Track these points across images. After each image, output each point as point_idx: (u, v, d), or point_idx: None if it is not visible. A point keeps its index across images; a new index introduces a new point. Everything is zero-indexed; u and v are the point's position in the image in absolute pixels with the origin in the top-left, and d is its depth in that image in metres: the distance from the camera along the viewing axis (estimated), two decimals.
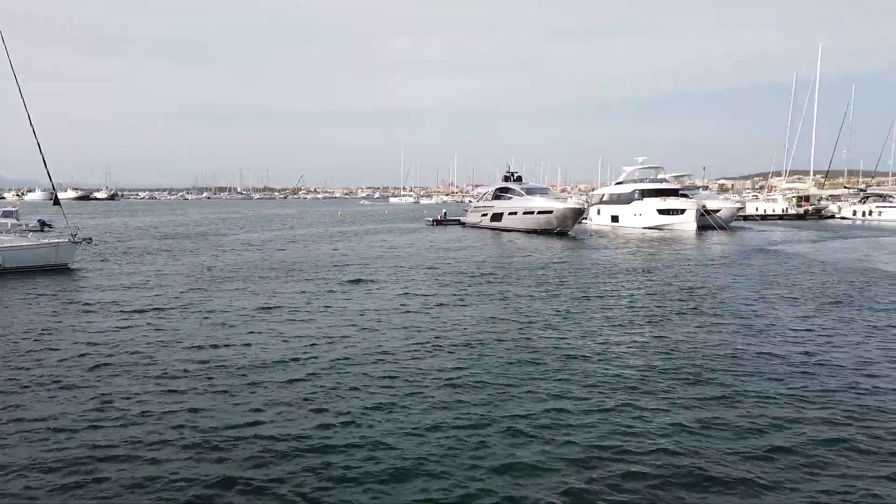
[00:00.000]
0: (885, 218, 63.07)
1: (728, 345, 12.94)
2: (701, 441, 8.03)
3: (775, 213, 70.80)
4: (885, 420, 8.74)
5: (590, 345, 12.93)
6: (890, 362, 11.64)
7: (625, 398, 9.63)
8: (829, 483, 6.95)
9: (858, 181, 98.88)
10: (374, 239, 42.02)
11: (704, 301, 17.99)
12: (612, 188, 58.73)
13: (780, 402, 9.49)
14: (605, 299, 18.26)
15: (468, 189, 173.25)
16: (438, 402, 9.46)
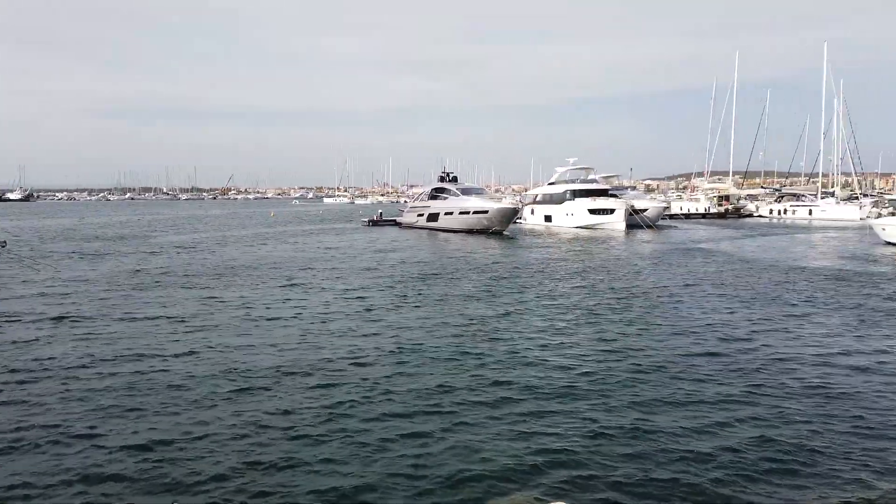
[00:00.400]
0: (798, 216, 66.86)
1: (662, 342, 13.41)
2: (640, 439, 8.29)
3: (698, 213, 73.90)
4: (806, 411, 9.27)
5: (529, 346, 13.13)
6: (813, 354, 12.34)
7: (564, 399, 9.84)
8: (765, 482, 7.31)
9: (774, 181, 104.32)
10: (310, 240, 41.36)
11: (637, 299, 18.57)
12: (545, 188, 59.88)
13: (714, 400, 9.91)
14: (542, 300, 18.58)
15: (404, 189, 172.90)
16: (381, 411, 9.37)
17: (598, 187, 55.87)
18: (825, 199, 67.98)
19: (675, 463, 7.48)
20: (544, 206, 57.09)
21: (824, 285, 21.07)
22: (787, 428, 8.52)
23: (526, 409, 9.27)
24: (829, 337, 13.77)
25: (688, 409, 9.23)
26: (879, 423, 8.71)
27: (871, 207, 62.26)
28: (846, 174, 75.32)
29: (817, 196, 70.75)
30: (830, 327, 14.74)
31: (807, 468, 7.35)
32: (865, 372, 11.13)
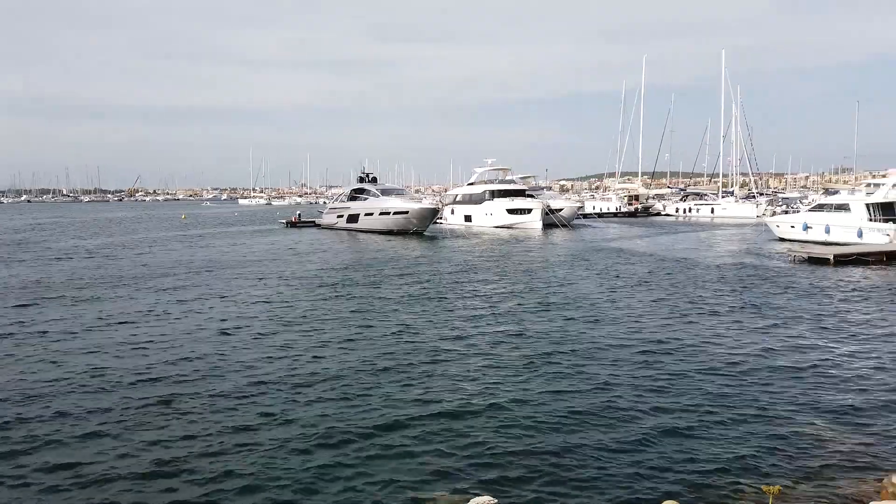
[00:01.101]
0: (702, 214, 70.79)
1: (580, 338, 13.95)
2: (562, 434, 8.63)
3: (610, 212, 76.86)
4: (710, 396, 9.93)
5: (452, 345, 13.34)
6: (715, 343, 13.18)
7: (487, 397, 10.09)
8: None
9: (679, 181, 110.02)
10: (226, 243, 40.10)
11: (555, 297, 19.19)
12: (465, 189, 60.64)
13: (639, 390, 10.42)
14: (465, 299, 18.87)
15: (323, 190, 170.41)
16: (305, 417, 9.31)
17: (515, 188, 57.15)
18: (725, 199, 72.24)
19: (593, 457, 7.86)
20: (464, 207, 57.79)
21: (726, 278, 22.49)
22: (692, 414, 9.12)
23: (450, 407, 9.46)
24: (730, 327, 14.75)
25: (605, 401, 9.69)
26: (771, 403, 9.46)
27: (767, 206, 66.63)
28: (744, 174, 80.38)
29: (718, 195, 75.10)
30: (732, 318, 15.77)
31: (708, 452, 7.91)
32: (763, 357, 12.02)
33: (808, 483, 6.95)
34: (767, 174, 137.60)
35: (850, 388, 10.18)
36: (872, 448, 7.84)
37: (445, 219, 59.16)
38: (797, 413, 9.05)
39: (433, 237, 44.12)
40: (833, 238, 33.14)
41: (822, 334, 13.94)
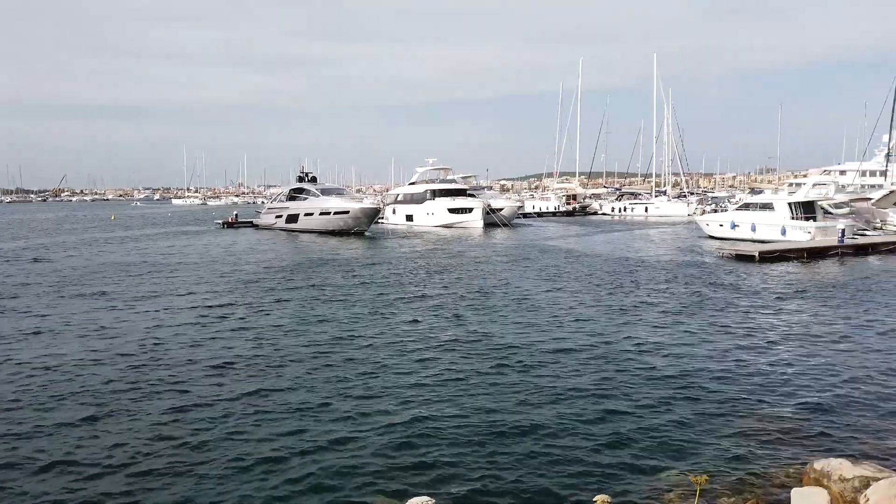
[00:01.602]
0: (636, 213, 72.90)
1: (521, 336, 14.13)
2: (502, 435, 8.73)
3: (549, 211, 78.19)
4: (650, 392, 10.24)
5: (393, 348, 13.30)
6: (650, 341, 13.60)
7: (428, 398, 10.10)
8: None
9: (615, 181, 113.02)
10: (158, 245, 38.72)
11: (496, 296, 19.39)
12: (406, 188, 60.55)
13: (570, 390, 10.62)
14: (407, 301, 18.83)
15: (261, 190, 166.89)
16: (238, 426, 9.11)
17: (457, 187, 57.47)
18: (659, 198, 74.65)
19: (527, 455, 7.99)
20: (405, 206, 57.69)
21: (660, 275, 23.25)
22: (622, 410, 9.39)
23: (388, 410, 9.43)
24: (662, 322, 15.25)
25: (540, 400, 9.86)
26: (700, 396, 9.84)
27: (697, 205, 69.23)
28: (676, 174, 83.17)
29: (652, 195, 77.57)
30: (664, 313, 16.31)
31: (638, 446, 8.16)
32: (692, 351, 12.49)
33: (734, 472, 7.25)
34: (698, 174, 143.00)
35: (773, 379, 10.69)
36: (795, 437, 8.26)
37: (387, 218, 58.93)
38: (724, 405, 9.44)
39: (375, 237, 43.87)
40: (759, 236, 34.71)
41: (747, 328, 14.58)
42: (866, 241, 31.64)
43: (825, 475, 6.55)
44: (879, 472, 6.47)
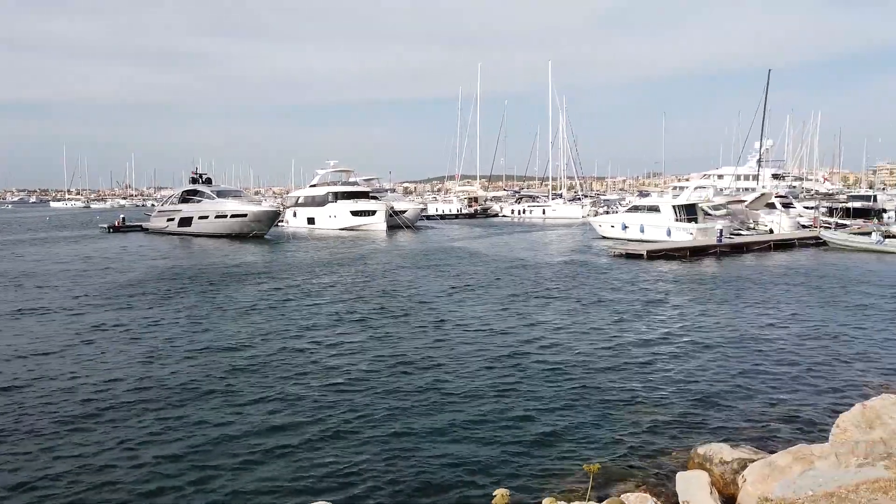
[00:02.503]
0: (535, 216, 75.22)
1: (426, 337, 14.22)
2: (400, 439, 8.74)
3: (452, 213, 79.20)
4: (549, 388, 10.58)
5: (292, 354, 13.01)
6: (546, 336, 14.06)
7: (327, 402, 9.97)
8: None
9: (514, 184, 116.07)
10: (35, 251, 35.79)
11: (400, 299, 19.41)
12: (307, 191, 59.42)
13: (486, 391, 10.79)
14: (308, 307, 18.48)
15: (151, 192, 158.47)
16: (128, 441, 8.62)
17: (359, 189, 57.04)
18: (555, 200, 77.40)
19: (427, 455, 8.06)
20: (307, 209, 56.59)
21: (557, 274, 24.11)
22: (519, 403, 9.67)
23: (286, 418, 9.23)
24: (558, 318, 15.83)
25: (437, 400, 9.97)
26: (592, 388, 10.31)
27: (591, 207, 72.38)
28: (570, 178, 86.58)
29: (549, 197, 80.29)
30: (560, 310, 16.94)
31: (534, 438, 8.44)
32: (584, 345, 13.05)
33: (625, 459, 7.65)
34: (591, 178, 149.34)
35: (661, 370, 11.36)
36: (682, 424, 8.81)
37: (287, 221, 57.57)
38: (617, 397, 9.93)
39: (275, 241, 42.70)
40: (647, 236, 36.76)
41: (637, 323, 15.42)
42: (741, 241, 34.26)
43: (708, 459, 7.03)
44: (755, 454, 7.03)
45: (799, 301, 18.32)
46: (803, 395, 10.02)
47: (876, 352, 12.63)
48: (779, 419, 8.94)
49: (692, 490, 5.99)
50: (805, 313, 16.55)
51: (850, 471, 5.54)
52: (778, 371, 11.28)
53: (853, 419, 7.44)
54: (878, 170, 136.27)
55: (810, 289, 20.46)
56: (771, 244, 33.62)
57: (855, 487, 4.34)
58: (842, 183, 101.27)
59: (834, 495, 4.22)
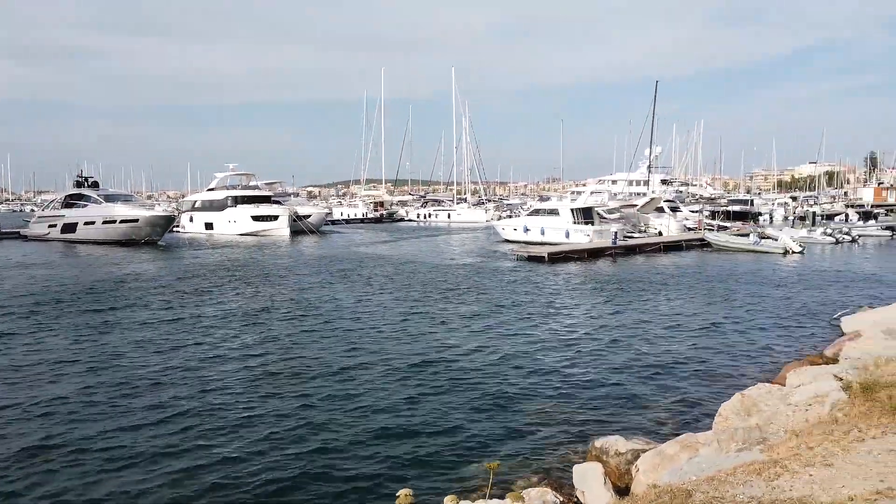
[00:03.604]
0: (440, 219, 75.96)
1: (333, 344, 14.01)
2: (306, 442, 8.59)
3: (357, 218, 78.55)
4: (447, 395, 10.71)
5: (185, 373, 12.50)
6: (449, 339, 14.23)
7: (224, 411, 9.65)
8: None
9: (419, 188, 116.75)
10: None
11: (305, 303, 19.04)
12: (205, 195, 57.12)
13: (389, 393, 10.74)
14: (205, 317, 17.76)
15: (30, 196, 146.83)
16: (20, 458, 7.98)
17: (260, 193, 55.44)
18: (460, 205, 78.50)
19: (334, 458, 7.98)
20: (204, 214, 54.36)
21: (463, 277, 24.46)
22: (421, 403, 9.77)
23: (172, 426, 8.86)
24: (463, 320, 16.08)
25: (339, 405, 9.89)
26: (494, 386, 10.56)
27: (494, 211, 73.95)
28: (474, 182, 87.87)
29: (454, 202, 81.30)
30: (467, 312, 17.21)
31: (437, 437, 8.55)
32: (487, 345, 13.33)
33: (527, 455, 7.89)
34: (494, 182, 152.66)
35: (559, 366, 11.79)
36: (581, 418, 9.18)
37: (184, 227, 55.06)
38: (519, 395, 10.21)
39: (169, 247, 40.71)
40: (548, 239, 38.01)
41: (538, 323, 15.91)
42: (634, 243, 36.12)
43: (604, 451, 7.38)
44: (647, 444, 7.44)
45: (685, 299, 19.54)
46: (691, 386, 10.71)
47: (754, 344, 13.69)
48: (670, 410, 9.51)
49: (588, 481, 6.27)
50: (691, 310, 17.67)
51: (731, 456, 5.99)
52: (669, 365, 11.98)
53: (733, 407, 8.05)
54: (755, 176, 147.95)
55: (696, 287, 21.88)
56: (661, 245, 35.65)
57: (733, 471, 4.70)
58: (723, 188, 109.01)
59: (714, 479, 4.54)
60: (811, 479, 4.15)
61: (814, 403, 7.17)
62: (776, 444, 5.64)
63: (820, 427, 5.57)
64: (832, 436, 5.04)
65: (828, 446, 4.77)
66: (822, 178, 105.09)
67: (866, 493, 3.75)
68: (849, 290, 20.88)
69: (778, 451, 5.05)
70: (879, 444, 4.60)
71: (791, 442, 5.29)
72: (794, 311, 17.32)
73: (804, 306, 18.06)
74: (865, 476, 4.02)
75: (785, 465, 4.50)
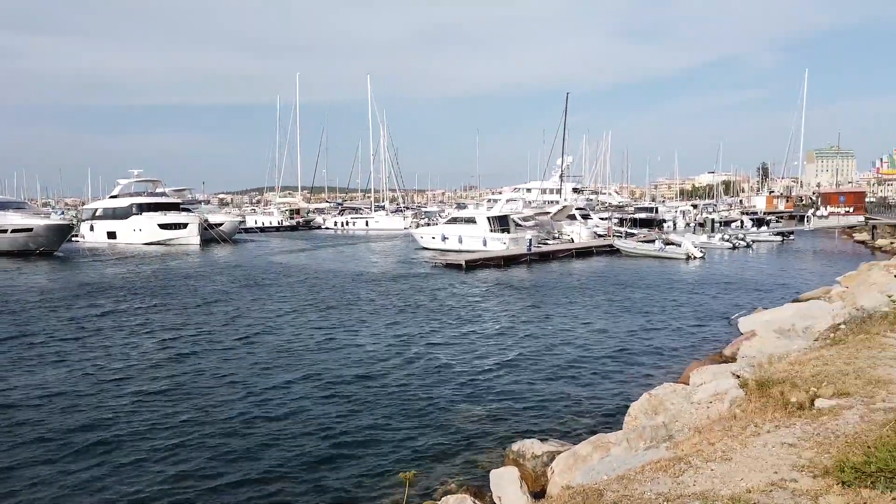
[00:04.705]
0: (358, 227, 75.22)
1: (244, 355, 13.56)
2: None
3: (273, 226, 76.59)
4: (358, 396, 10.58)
5: (74, 393, 11.79)
6: (366, 349, 14.09)
7: (127, 415, 9.17)
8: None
9: (337, 196, 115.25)
10: None
11: (213, 315, 18.35)
12: (107, 202, 54.17)
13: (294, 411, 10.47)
14: (108, 335, 16.80)
15: None
16: None
17: (168, 201, 53.15)
18: (378, 212, 78.04)
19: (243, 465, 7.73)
20: (107, 222, 51.50)
21: (381, 286, 24.31)
22: (336, 417, 9.63)
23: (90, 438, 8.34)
24: (382, 330, 15.99)
25: (256, 415, 9.61)
26: (411, 396, 10.55)
27: (412, 218, 73.99)
28: (392, 190, 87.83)
29: (372, 209, 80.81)
30: (384, 321, 17.11)
31: (349, 450, 8.45)
32: (405, 355, 13.31)
33: (443, 462, 7.91)
34: (413, 190, 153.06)
35: (476, 373, 11.91)
36: (498, 423, 9.30)
37: (83, 236, 51.97)
38: (436, 403, 10.24)
39: (67, 258, 38.27)
40: (465, 246, 38.41)
41: (455, 329, 16.03)
42: (548, 250, 37.10)
43: (521, 455, 7.50)
44: (562, 446, 7.62)
45: (597, 304, 20.24)
46: (604, 387, 11.08)
47: (661, 345, 14.34)
48: (584, 412, 9.79)
49: (504, 485, 6.34)
50: (602, 314, 18.32)
51: (639, 454, 6.21)
52: (583, 367, 12.35)
53: (641, 407, 8.38)
54: (659, 185, 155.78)
55: (606, 292, 22.71)
56: (573, 252, 36.80)
57: (642, 469, 4.87)
58: (630, 196, 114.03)
59: (625, 478, 4.70)
60: (713, 473, 4.37)
61: (714, 401, 7.56)
62: (681, 441, 5.91)
63: (720, 423, 5.89)
64: (731, 431, 5.34)
65: (727, 441, 5.04)
66: (719, 187, 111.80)
67: (762, 484, 3.99)
68: (745, 293, 22.27)
69: (682, 448, 5.29)
70: (773, 437, 4.90)
71: (694, 439, 5.55)
72: (697, 314, 18.30)
73: (705, 308, 19.11)
74: (761, 468, 4.27)
75: (689, 461, 4.72)
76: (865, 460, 3.91)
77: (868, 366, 6.55)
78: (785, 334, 12.17)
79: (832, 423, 4.91)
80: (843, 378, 6.24)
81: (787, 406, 5.64)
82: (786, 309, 15.55)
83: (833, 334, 10.35)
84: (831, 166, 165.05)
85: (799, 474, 4.03)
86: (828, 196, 63.30)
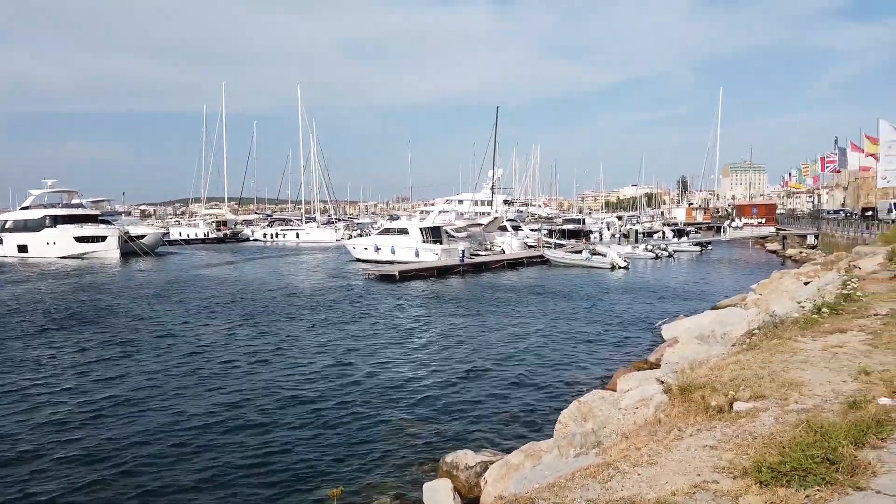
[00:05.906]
0: (288, 239, 73.78)
1: (165, 376, 13.01)
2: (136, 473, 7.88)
3: (199, 238, 74.12)
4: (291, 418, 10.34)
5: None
6: (298, 363, 13.78)
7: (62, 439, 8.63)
8: None
9: (266, 207, 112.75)
10: None
11: (136, 332, 17.57)
12: (17, 214, 51.18)
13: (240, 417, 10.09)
14: (19, 354, 15.80)
15: None
16: None
17: (85, 213, 50.61)
18: (309, 224, 76.82)
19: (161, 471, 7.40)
20: (17, 235, 48.55)
21: (313, 299, 23.87)
22: (265, 430, 9.38)
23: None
24: (310, 343, 15.69)
25: (184, 429, 9.23)
26: (339, 409, 10.39)
27: (345, 230, 73.20)
28: (324, 202, 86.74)
29: (302, 221, 79.46)
30: (313, 334, 16.79)
31: (280, 465, 8.25)
32: (336, 368, 13.11)
33: (376, 476, 7.80)
34: (344, 202, 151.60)
35: (408, 385, 11.84)
36: (432, 434, 9.26)
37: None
38: (366, 415, 10.11)
39: None
40: (398, 257, 38.28)
41: (387, 341, 15.92)
42: (480, 261, 37.46)
43: (455, 466, 7.48)
44: (495, 456, 7.65)
45: (528, 313, 20.55)
46: (535, 396, 11.22)
47: (590, 353, 14.68)
48: (517, 420, 9.89)
49: (438, 498, 6.31)
50: (533, 323, 18.61)
51: (570, 461, 6.31)
52: (515, 376, 12.48)
53: (571, 414, 8.52)
54: (586, 197, 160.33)
55: (537, 302, 23.10)
56: (505, 263, 37.30)
57: (572, 476, 4.94)
58: (558, 208, 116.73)
59: (555, 485, 4.75)
60: (639, 477, 4.48)
61: (640, 406, 7.78)
62: (609, 446, 6.04)
63: (646, 428, 6.05)
64: (656, 436, 5.49)
65: (653, 446, 5.18)
66: (642, 199, 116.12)
67: (686, 487, 4.12)
68: (667, 301, 23.14)
69: (611, 454, 5.40)
70: (695, 440, 5.07)
71: (622, 444, 5.68)
72: (623, 321, 18.86)
73: (631, 316, 19.72)
74: (685, 471, 4.41)
75: (617, 467, 4.82)
76: (781, 460, 4.09)
77: (781, 369, 6.89)
78: (705, 340, 12.68)
79: (750, 425, 5.13)
80: (759, 381, 6.54)
81: (708, 410, 5.85)
82: (705, 316, 16.22)
83: (749, 339, 10.86)
84: (745, 180, 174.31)
85: (720, 476, 4.19)
86: (742, 208, 66.83)
